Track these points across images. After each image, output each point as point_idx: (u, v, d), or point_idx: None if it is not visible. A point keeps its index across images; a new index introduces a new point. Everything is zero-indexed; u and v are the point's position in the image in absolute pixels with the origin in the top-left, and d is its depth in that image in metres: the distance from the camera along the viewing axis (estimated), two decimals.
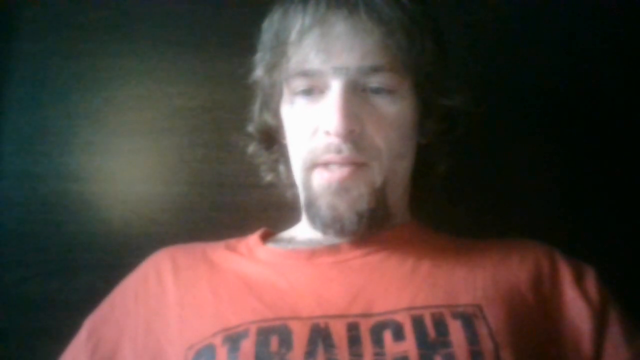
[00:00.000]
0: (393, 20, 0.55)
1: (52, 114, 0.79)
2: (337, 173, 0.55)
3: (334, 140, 0.55)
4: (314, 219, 0.58)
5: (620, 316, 0.55)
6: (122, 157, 0.79)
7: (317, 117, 0.56)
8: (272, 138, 0.66)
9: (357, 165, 0.55)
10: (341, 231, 0.56)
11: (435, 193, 0.69)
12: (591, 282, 0.57)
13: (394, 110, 0.57)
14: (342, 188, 0.55)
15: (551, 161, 0.79)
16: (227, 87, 0.80)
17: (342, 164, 0.55)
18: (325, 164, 0.56)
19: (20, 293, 0.75)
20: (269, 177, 0.70)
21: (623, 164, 0.78)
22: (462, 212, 0.76)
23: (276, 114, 0.63)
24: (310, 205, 0.58)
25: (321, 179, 0.56)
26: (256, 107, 0.67)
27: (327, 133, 0.55)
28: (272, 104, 0.63)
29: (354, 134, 0.54)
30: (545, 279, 0.57)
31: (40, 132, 0.79)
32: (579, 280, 0.57)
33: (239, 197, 0.78)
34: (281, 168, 0.68)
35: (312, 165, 0.57)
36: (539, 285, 0.56)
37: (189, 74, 0.81)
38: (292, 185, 0.65)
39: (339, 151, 0.55)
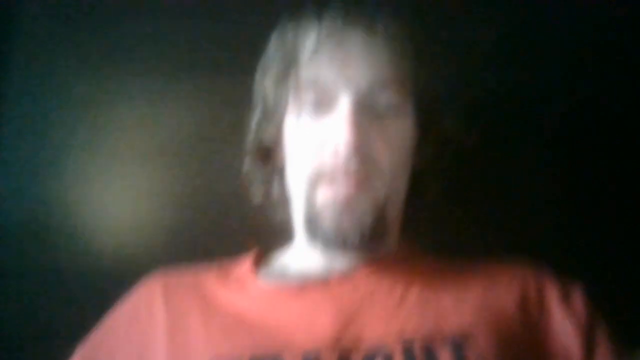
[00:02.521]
0: (404, 41, 0.58)
1: (44, 142, 0.79)
2: (343, 189, 0.55)
3: (343, 154, 0.55)
4: (315, 234, 0.57)
5: (607, 333, 0.56)
6: (114, 183, 0.79)
7: (324, 131, 0.57)
8: (267, 154, 0.65)
9: (363, 182, 0.56)
10: (343, 245, 0.56)
11: (425, 212, 0.69)
12: (578, 300, 0.58)
13: (399, 129, 0.58)
14: (347, 204, 0.55)
15: (544, 179, 0.80)
16: (218, 112, 0.80)
17: (348, 179, 0.55)
18: (331, 179, 0.56)
19: (10, 318, 0.74)
20: (259, 198, 0.69)
21: (616, 181, 0.79)
22: (452, 230, 0.77)
23: (278, 128, 0.62)
24: (313, 220, 0.57)
25: (327, 195, 0.56)
26: (254, 121, 0.66)
27: (336, 147, 0.55)
28: (275, 117, 0.62)
29: (362, 150, 0.55)
30: (533, 299, 0.57)
31: (32, 160, 0.79)
32: (565, 298, 0.58)
33: (231, 222, 0.78)
34: (275, 186, 0.67)
35: (317, 180, 0.57)
36: (527, 306, 0.57)
37: (180, 100, 0.81)
38: (285, 203, 0.65)
39: (347, 166, 0.55)
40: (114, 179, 0.79)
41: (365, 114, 0.56)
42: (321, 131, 0.57)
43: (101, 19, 0.82)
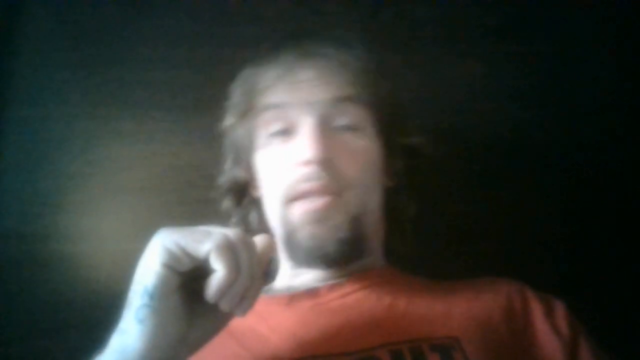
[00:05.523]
0: (353, 65, 0.62)
1: (42, 175, 0.81)
2: (315, 203, 0.58)
3: (311, 168, 0.58)
4: (295, 251, 0.60)
5: (591, 347, 0.57)
6: (111, 217, 0.81)
7: (292, 152, 0.60)
8: (242, 191, 0.69)
9: (334, 195, 0.58)
10: (324, 259, 0.58)
11: (408, 236, 0.71)
12: (561, 315, 0.59)
13: (361, 144, 0.62)
14: (321, 217, 0.58)
15: (528, 205, 0.82)
16: (211, 145, 0.81)
17: (320, 192, 0.58)
18: (304, 195, 0.58)
19: (9, 354, 0.74)
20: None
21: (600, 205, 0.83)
22: (436, 256, 0.79)
23: (248, 165, 0.66)
24: (291, 238, 0.60)
25: (301, 210, 0.59)
26: (228, 162, 0.70)
27: (304, 162, 0.58)
28: (244, 155, 0.67)
29: (329, 162, 0.58)
30: (517, 313, 0.59)
31: (29, 193, 0.80)
32: (549, 313, 0.59)
33: None
34: (252, 217, 0.69)
35: (291, 199, 0.60)
36: (512, 319, 0.58)
37: (175, 134, 0.84)
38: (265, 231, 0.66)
39: (316, 179, 0.58)
40: (111, 214, 0.81)
41: (328, 132, 0.60)
42: (289, 154, 0.60)
43: (104, 67, 0.86)
